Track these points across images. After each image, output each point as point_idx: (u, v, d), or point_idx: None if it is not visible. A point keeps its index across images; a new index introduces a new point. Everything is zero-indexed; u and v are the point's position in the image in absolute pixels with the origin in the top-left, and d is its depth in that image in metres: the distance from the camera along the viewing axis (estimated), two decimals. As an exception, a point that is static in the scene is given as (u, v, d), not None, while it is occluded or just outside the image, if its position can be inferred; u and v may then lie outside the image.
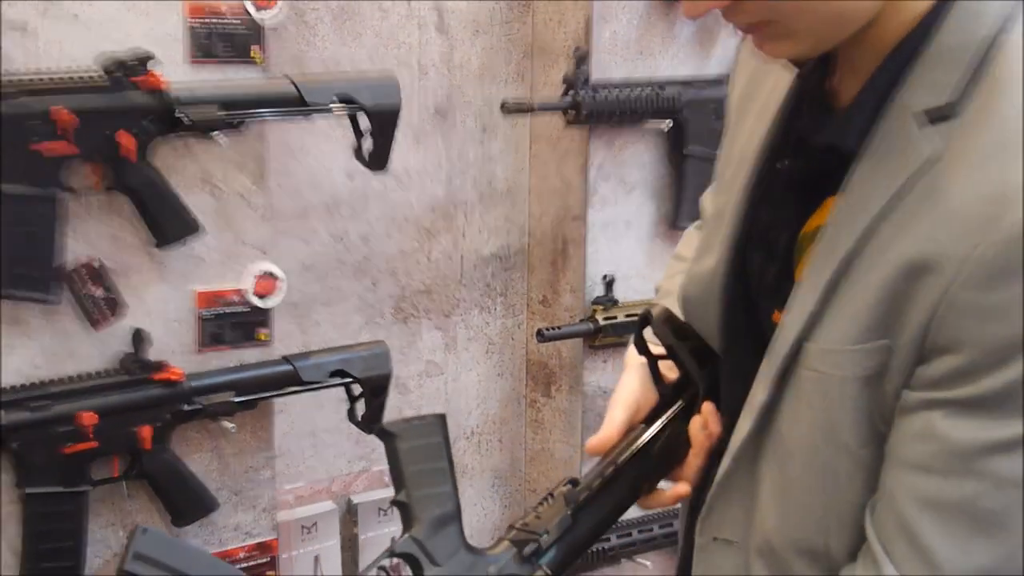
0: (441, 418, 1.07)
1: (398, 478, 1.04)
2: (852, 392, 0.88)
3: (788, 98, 1.01)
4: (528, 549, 1.04)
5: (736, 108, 1.11)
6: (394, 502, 1.04)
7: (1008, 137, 0.81)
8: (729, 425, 1.01)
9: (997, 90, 0.83)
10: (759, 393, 0.95)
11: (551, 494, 1.08)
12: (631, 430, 1.10)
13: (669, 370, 1.14)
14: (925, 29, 0.87)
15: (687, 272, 1.12)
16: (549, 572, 1.05)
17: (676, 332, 1.11)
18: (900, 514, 0.85)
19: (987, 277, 0.79)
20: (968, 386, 0.81)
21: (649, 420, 1.12)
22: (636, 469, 1.09)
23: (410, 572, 1.03)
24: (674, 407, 1.11)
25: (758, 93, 1.06)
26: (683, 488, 1.10)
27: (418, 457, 1.05)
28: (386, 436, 1.04)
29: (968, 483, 0.83)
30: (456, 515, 1.05)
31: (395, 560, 1.03)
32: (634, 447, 1.09)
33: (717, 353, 1.08)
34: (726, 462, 0.99)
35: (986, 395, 0.81)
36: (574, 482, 1.08)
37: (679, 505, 1.17)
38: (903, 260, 0.84)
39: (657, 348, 1.13)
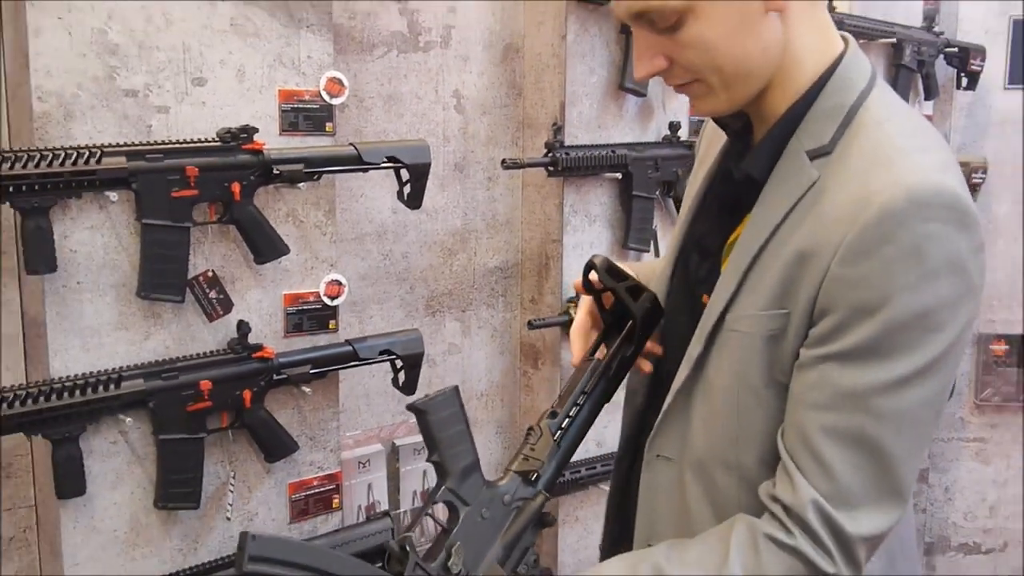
0: (455, 389, 1.03)
1: (431, 443, 1.00)
2: (759, 346, 0.89)
3: (724, 149, 1.04)
4: (530, 477, 1.02)
5: (697, 164, 1.13)
6: (430, 461, 1.01)
7: (862, 164, 0.85)
8: (671, 372, 1.00)
9: (856, 135, 0.87)
10: (695, 348, 0.95)
11: (538, 426, 1.05)
12: (589, 361, 1.07)
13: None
14: (809, 97, 0.90)
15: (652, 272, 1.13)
16: (546, 492, 1.02)
17: (613, 275, 1.07)
18: (808, 441, 0.85)
19: (852, 255, 0.81)
20: (844, 338, 0.82)
21: (600, 345, 1.08)
22: (599, 391, 1.06)
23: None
24: (618, 338, 1.07)
25: (710, 154, 1.08)
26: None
27: (443, 425, 1.01)
28: (417, 412, 1.00)
29: (856, 417, 0.83)
30: (476, 464, 1.01)
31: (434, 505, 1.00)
32: (596, 375, 1.06)
33: (646, 288, 1.06)
34: (669, 398, 0.99)
35: (859, 344, 0.82)
36: (553, 413, 1.05)
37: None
38: (795, 251, 0.86)
39: (600, 287, 1.09)
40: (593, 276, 1.09)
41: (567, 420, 1.04)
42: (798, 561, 0.84)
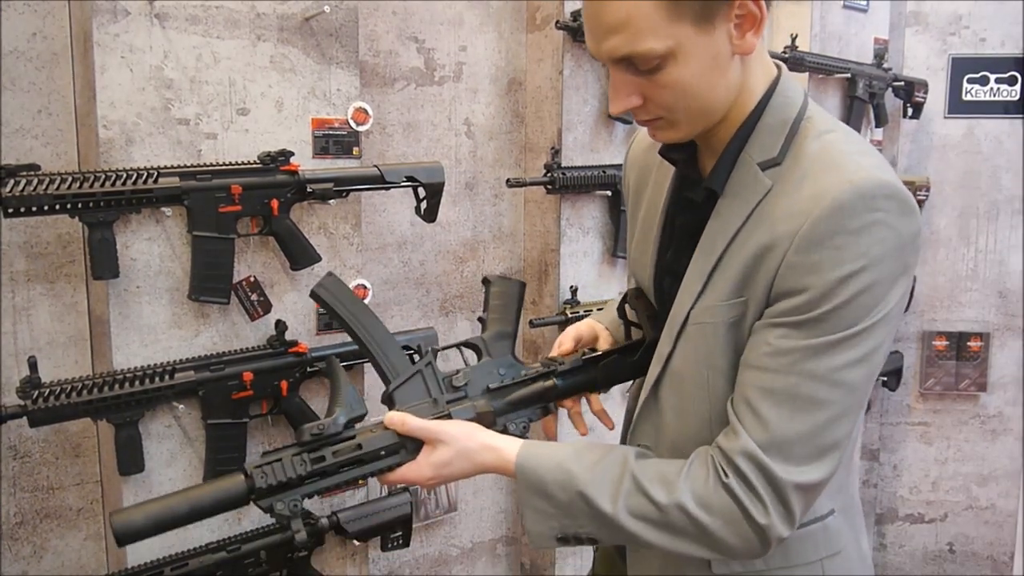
0: (522, 284, 1.06)
1: (485, 305, 1.02)
2: (723, 332, 0.88)
3: (674, 179, 1.01)
4: (548, 368, 1.03)
5: (633, 192, 1.09)
6: (479, 319, 1.03)
7: (812, 168, 0.84)
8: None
9: (801, 146, 0.87)
10: (664, 347, 0.94)
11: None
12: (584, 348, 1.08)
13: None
14: (755, 116, 0.89)
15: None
16: (558, 382, 1.03)
17: (642, 301, 1.07)
18: (747, 397, 0.85)
19: (806, 243, 0.81)
20: (792, 314, 0.82)
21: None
22: (583, 373, 1.06)
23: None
24: (620, 345, 1.06)
25: (648, 180, 1.05)
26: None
27: (498, 296, 1.03)
28: (486, 282, 1.05)
29: (790, 377, 0.82)
30: (511, 335, 1.02)
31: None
32: (581, 356, 1.07)
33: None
34: (643, 394, 0.98)
35: (804, 318, 0.81)
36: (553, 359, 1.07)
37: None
38: (756, 247, 0.85)
39: (632, 315, 1.10)
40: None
41: (564, 367, 1.06)
42: (733, 503, 0.83)
